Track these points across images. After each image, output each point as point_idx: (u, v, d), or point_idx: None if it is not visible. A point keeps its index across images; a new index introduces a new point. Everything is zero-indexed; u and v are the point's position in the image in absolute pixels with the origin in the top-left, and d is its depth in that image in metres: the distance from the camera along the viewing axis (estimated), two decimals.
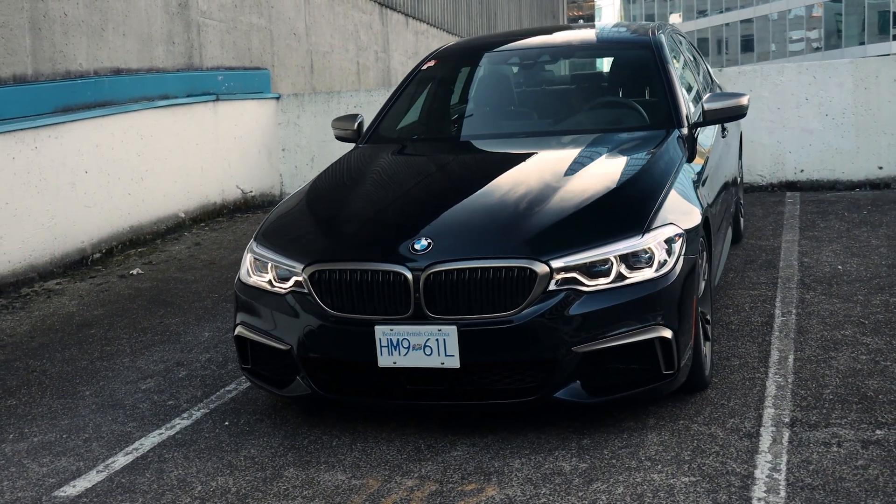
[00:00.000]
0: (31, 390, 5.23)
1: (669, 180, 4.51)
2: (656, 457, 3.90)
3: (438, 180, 4.90)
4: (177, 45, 9.94)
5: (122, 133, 8.69)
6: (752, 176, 10.00)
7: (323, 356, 4.21)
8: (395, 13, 15.58)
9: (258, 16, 11.49)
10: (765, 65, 10.36)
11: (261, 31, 11.54)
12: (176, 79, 9.83)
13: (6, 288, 7.31)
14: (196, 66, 10.26)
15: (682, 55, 6.24)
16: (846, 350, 4.95)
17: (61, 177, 7.91)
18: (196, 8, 10.28)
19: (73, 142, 8.03)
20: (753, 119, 9.90)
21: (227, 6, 10.84)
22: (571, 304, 3.95)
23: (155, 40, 9.60)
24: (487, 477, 3.83)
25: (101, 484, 4.01)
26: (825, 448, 3.87)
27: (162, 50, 9.70)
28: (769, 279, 6.35)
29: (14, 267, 7.41)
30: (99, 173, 8.35)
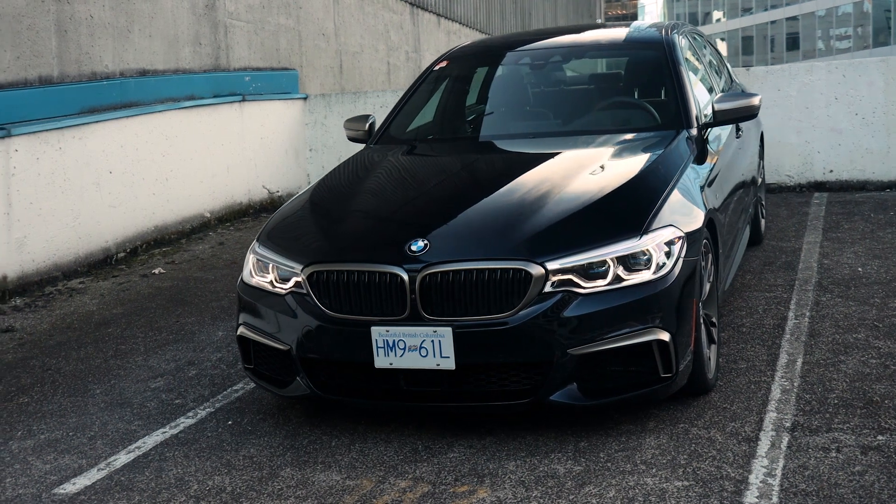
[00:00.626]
0: (43, 388, 5.30)
1: (672, 182, 4.48)
2: (652, 460, 3.87)
3: (439, 181, 4.90)
4: (203, 46, 10.03)
5: (147, 134, 8.77)
6: (780, 176, 9.90)
7: (321, 357, 4.22)
8: (426, 13, 15.60)
9: (286, 16, 11.56)
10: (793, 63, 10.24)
11: (289, 32, 11.61)
12: (203, 79, 9.91)
13: (31, 287, 7.41)
14: (223, 66, 10.34)
15: (698, 55, 6.18)
16: (857, 354, 4.89)
17: (85, 177, 8.00)
18: (223, 9, 10.36)
19: (97, 142, 8.13)
20: (781, 119, 9.80)
21: (254, 7, 10.91)
22: (567, 306, 3.93)
23: (181, 41, 9.69)
24: (481, 479, 3.83)
25: (101, 482, 4.06)
26: (824, 453, 3.82)
27: (188, 51, 9.78)
28: (786, 281, 6.28)
29: (38, 266, 7.51)
30: (123, 173, 8.44)
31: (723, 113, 5.27)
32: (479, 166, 5.11)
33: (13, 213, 7.27)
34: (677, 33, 5.93)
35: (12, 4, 7.67)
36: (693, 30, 6.73)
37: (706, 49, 6.79)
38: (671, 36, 5.79)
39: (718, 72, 6.79)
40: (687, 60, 5.89)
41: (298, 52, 11.80)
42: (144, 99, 8.99)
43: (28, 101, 7.73)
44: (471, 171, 5.04)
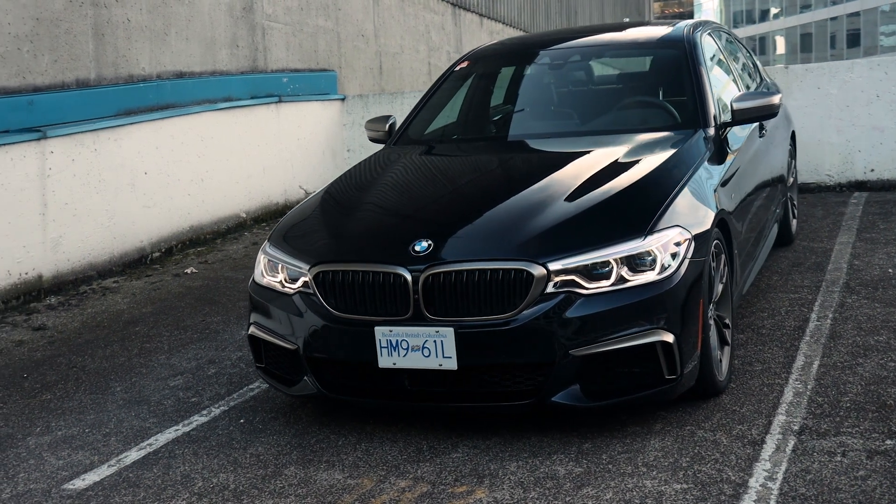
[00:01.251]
0: (66, 385, 5.39)
1: (682, 182, 4.44)
2: (654, 462, 3.85)
3: (447, 182, 4.91)
4: (241, 48, 10.13)
5: (183, 135, 8.89)
6: (819, 176, 9.75)
7: (327, 356, 4.25)
8: (468, 13, 15.61)
9: (325, 18, 11.63)
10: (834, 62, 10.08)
11: (327, 34, 11.68)
12: (240, 81, 10.02)
13: (66, 286, 7.55)
14: (260, 68, 10.44)
15: (722, 54, 6.12)
16: (875, 356, 4.81)
17: (121, 178, 8.13)
18: (261, 12, 10.46)
19: (132, 144, 8.25)
20: (821, 117, 9.66)
21: (292, 9, 11.00)
22: (570, 307, 3.92)
23: (218, 44, 9.80)
24: (480, 479, 3.83)
25: (110, 478, 4.13)
26: (828, 457, 3.76)
27: (226, 53, 9.89)
28: (813, 282, 6.19)
29: (73, 265, 7.65)
30: (158, 174, 8.56)
31: (742, 112, 5.21)
32: (489, 167, 5.10)
33: (48, 214, 7.41)
34: (700, 32, 5.87)
35: (50, 9, 7.82)
36: (718, 28, 6.65)
37: (734, 47, 6.72)
38: (693, 35, 5.74)
39: (747, 70, 6.71)
40: (710, 59, 5.84)
41: (337, 53, 11.87)
42: (181, 101, 9.11)
43: (65, 103, 7.87)
44: (480, 171, 5.04)
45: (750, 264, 5.40)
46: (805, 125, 9.68)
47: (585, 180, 4.49)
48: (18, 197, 7.17)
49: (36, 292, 7.30)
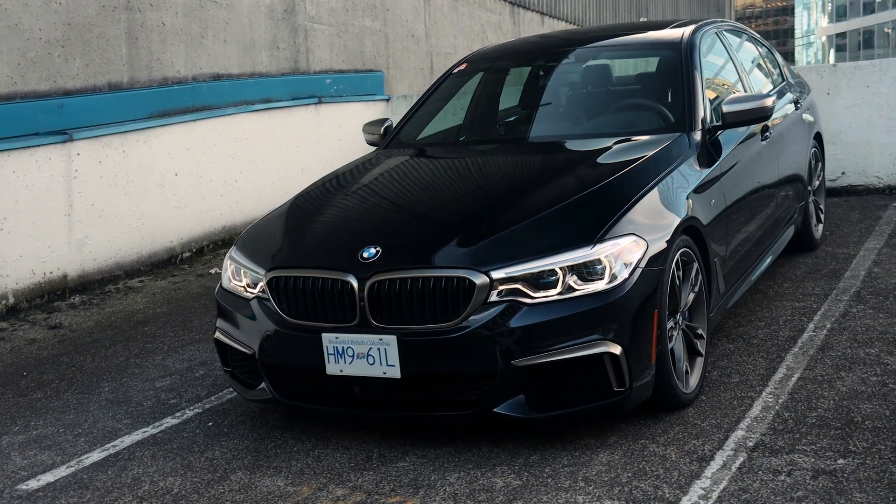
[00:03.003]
0: (60, 385, 5.51)
1: (647, 188, 4.33)
2: (594, 477, 3.75)
3: (408, 188, 4.86)
4: (281, 49, 10.23)
5: (215, 136, 9.01)
6: (867, 178, 9.42)
7: (280, 362, 4.26)
8: (528, 12, 15.50)
9: (372, 19, 11.67)
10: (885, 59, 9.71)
11: (374, 34, 11.72)
12: (280, 83, 10.11)
13: (91, 285, 7.72)
14: (302, 69, 10.53)
15: (731, 55, 5.94)
16: (860, 370, 4.62)
17: (150, 179, 8.28)
18: (303, 13, 10.54)
19: (162, 145, 8.39)
20: (870, 117, 9.33)
21: (337, 10, 11.06)
22: (512, 316, 3.85)
23: (258, 46, 9.90)
24: (416, 490, 3.79)
25: (64, 479, 4.19)
26: (772, 476, 3.62)
27: (266, 55, 10.00)
28: (824, 290, 5.98)
29: (100, 265, 7.81)
30: (189, 175, 8.69)
31: (732, 115, 5.06)
32: (454, 173, 5.04)
33: (74, 214, 7.59)
34: (703, 34, 5.71)
35: (83, 14, 8.00)
36: (732, 28, 6.47)
37: (748, 47, 6.53)
38: (692, 37, 5.58)
39: (763, 71, 6.51)
40: (712, 61, 5.69)
41: (385, 53, 11.89)
42: (217, 102, 9.24)
43: (96, 106, 8.04)
44: (444, 177, 4.98)
45: (742, 273, 5.24)
46: (853, 125, 9.37)
47: (545, 187, 4.42)
48: (43, 198, 7.35)
49: (60, 291, 7.48)
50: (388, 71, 11.90)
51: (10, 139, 7.19)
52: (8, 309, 7.09)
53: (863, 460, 3.69)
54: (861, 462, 3.68)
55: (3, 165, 7.09)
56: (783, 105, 6.35)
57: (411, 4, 12.46)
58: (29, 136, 7.36)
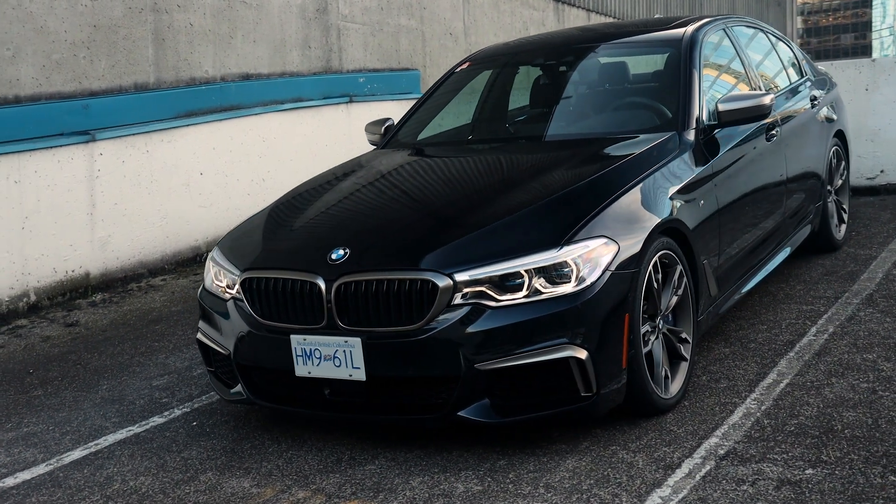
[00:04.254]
0: (62, 382, 5.58)
1: (626, 188, 4.24)
2: (556, 484, 3.69)
3: (386, 189, 4.82)
4: (313, 49, 10.26)
5: (243, 136, 9.06)
6: None
7: (254, 363, 4.26)
8: (573, 9, 15.35)
9: (408, 17, 11.66)
10: None
11: (410, 33, 11.70)
12: (311, 82, 10.14)
13: (114, 283, 7.83)
14: (335, 69, 10.55)
15: (739, 52, 5.80)
16: (852, 376, 4.48)
17: (174, 178, 8.36)
18: (336, 13, 10.56)
19: (186, 145, 8.47)
20: None
21: (371, 9, 11.06)
22: (476, 320, 3.80)
23: (289, 46, 9.95)
24: (377, 494, 3.76)
25: (40, 477, 4.25)
26: (734, 486, 3.53)
27: (297, 55, 10.04)
28: (835, 293, 5.81)
29: (122, 263, 7.92)
30: (215, 174, 8.77)
31: (727, 114, 4.95)
32: (434, 174, 4.98)
33: (96, 214, 7.69)
34: (708, 31, 5.58)
35: (108, 16, 8.10)
36: (748, 23, 6.33)
37: (763, 43, 6.37)
38: (695, 34, 5.47)
39: (776, 68, 6.36)
40: (717, 58, 5.57)
41: (421, 52, 11.87)
42: (246, 102, 9.29)
43: (122, 106, 8.14)
44: (423, 178, 4.92)
45: (740, 276, 5.11)
46: (892, 121, 9.11)
47: (521, 187, 4.36)
48: (65, 197, 7.47)
49: (83, 289, 7.59)
50: (425, 69, 11.88)
51: (31, 140, 7.31)
52: (29, 307, 7.22)
53: (832, 470, 3.57)
54: (830, 472, 3.56)
55: (25, 165, 7.21)
56: (796, 103, 6.20)
57: (450, 2, 12.42)
58: (51, 137, 7.47)
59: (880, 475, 3.50)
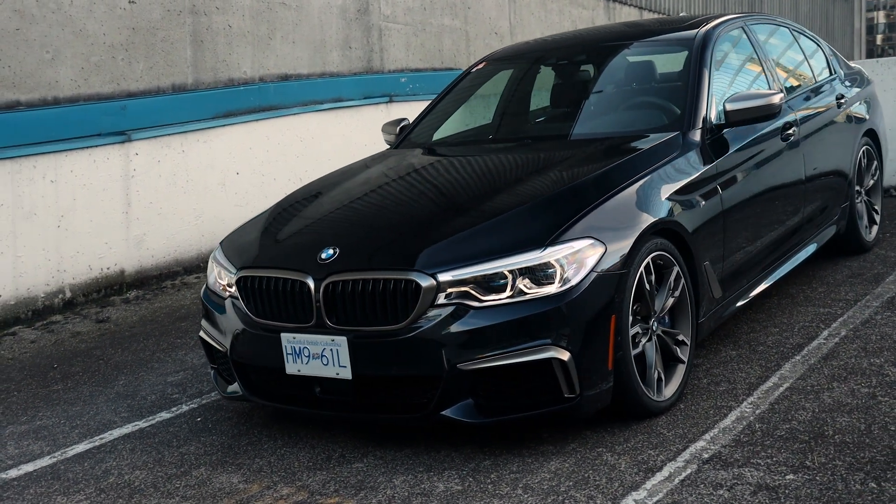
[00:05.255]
0: (83, 377, 5.71)
1: (618, 188, 4.22)
2: (535, 485, 3.69)
3: (384, 189, 4.84)
4: (354, 49, 10.34)
5: (279, 136, 9.17)
6: None
7: (249, 360, 4.33)
8: (625, 7, 15.23)
9: (451, 17, 11.68)
10: None
11: (454, 32, 11.72)
12: (351, 82, 10.22)
13: (149, 281, 7.98)
14: (376, 69, 10.62)
15: (757, 51, 5.72)
16: (854, 380, 4.40)
17: (209, 178, 8.50)
18: (378, 13, 10.63)
19: (223, 145, 8.60)
20: None
21: (414, 10, 11.11)
22: (458, 320, 3.82)
23: (329, 46, 10.04)
24: (357, 492, 3.79)
25: (42, 469, 4.36)
26: (711, 490, 3.49)
27: (337, 55, 10.12)
28: (856, 296, 5.70)
29: (157, 261, 8.07)
30: (251, 174, 8.88)
31: (734, 113, 4.89)
32: (433, 174, 4.98)
33: (132, 213, 7.85)
34: (723, 30, 5.52)
35: (147, 19, 8.26)
36: (771, 21, 6.24)
37: (789, 41, 6.27)
38: (709, 33, 5.41)
39: (800, 66, 6.25)
40: (733, 57, 5.51)
41: (465, 52, 11.88)
42: (286, 102, 9.40)
43: (159, 107, 8.29)
44: (422, 178, 4.92)
45: (750, 277, 5.05)
46: None
47: (514, 188, 4.36)
48: (101, 196, 7.63)
49: (118, 286, 7.75)
50: None
51: (67, 140, 7.49)
52: (65, 303, 7.40)
53: (813, 476, 3.52)
54: (810, 478, 3.50)
55: (62, 165, 7.39)
56: (819, 102, 6.09)
57: (495, 2, 12.41)
58: (87, 137, 7.64)
59: (861, 482, 3.44)
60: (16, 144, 7.21)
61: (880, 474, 3.48)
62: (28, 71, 7.39)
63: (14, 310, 7.11)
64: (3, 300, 7.06)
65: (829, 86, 6.38)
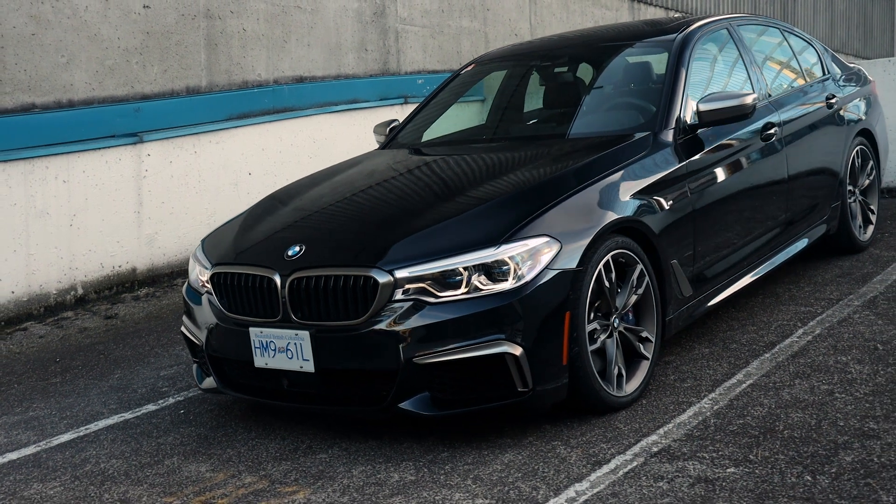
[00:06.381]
0: (80, 371, 5.91)
1: (579, 187, 4.31)
2: (486, 476, 3.79)
3: (358, 189, 4.93)
4: (370, 52, 10.49)
5: (292, 137, 9.34)
6: None
7: (221, 354, 4.48)
8: (650, 7, 15.23)
9: (470, 19, 11.79)
10: None
11: (473, 34, 11.83)
12: (367, 84, 10.37)
13: (161, 279, 8.18)
14: (392, 71, 10.75)
15: (742, 52, 5.77)
16: (817, 377, 4.45)
17: (222, 178, 8.68)
18: (394, 16, 10.77)
19: (235, 146, 8.78)
20: None
21: (431, 12, 11.23)
22: (414, 315, 3.93)
23: (344, 49, 10.19)
24: (316, 481, 3.92)
25: (25, 457, 4.54)
26: (652, 482, 3.57)
27: (352, 57, 10.27)
28: (840, 295, 5.73)
29: (169, 259, 8.26)
30: (264, 175, 9.06)
31: (707, 114, 4.95)
32: (407, 174, 5.07)
33: (143, 212, 8.06)
34: (704, 32, 5.58)
35: (161, 23, 8.47)
36: (760, 22, 6.29)
37: (778, 42, 6.31)
38: (689, 34, 5.48)
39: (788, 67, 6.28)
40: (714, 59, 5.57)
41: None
42: (299, 104, 9.57)
43: (173, 109, 8.49)
44: (396, 178, 5.02)
45: (726, 276, 5.10)
46: None
47: (479, 187, 4.47)
48: (113, 196, 7.85)
49: (129, 284, 7.96)
50: None
51: (80, 141, 7.70)
52: (76, 299, 7.62)
53: (753, 469, 3.59)
54: (750, 471, 3.57)
55: (74, 166, 7.61)
56: (807, 101, 6.12)
57: (515, 3, 12.50)
58: (99, 139, 7.86)
59: (797, 475, 3.50)
60: (29, 146, 7.44)
61: (818, 468, 3.54)
62: (43, 74, 7.62)
63: (27, 306, 7.33)
64: (16, 297, 7.29)
65: (820, 86, 6.40)
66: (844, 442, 3.75)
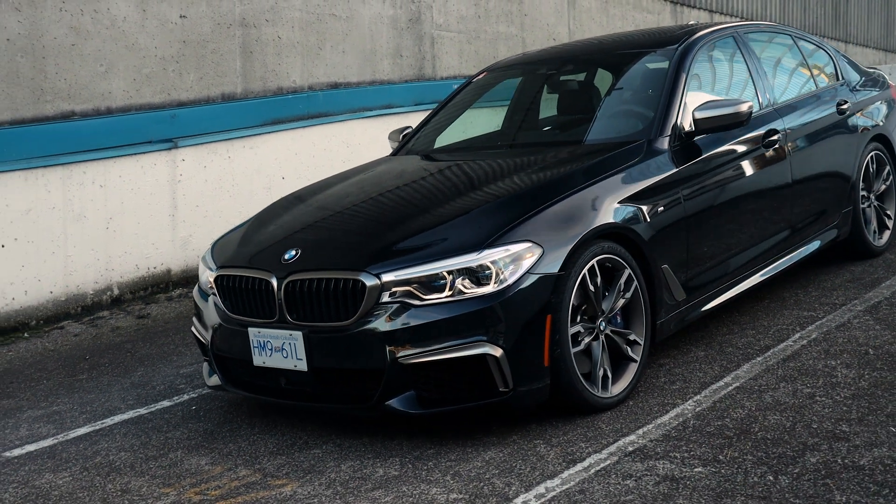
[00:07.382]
0: (106, 368, 6.17)
1: (566, 193, 4.44)
2: (465, 472, 3.95)
3: (360, 195, 5.11)
4: (405, 58, 10.68)
5: (326, 142, 9.57)
6: None
7: (225, 353, 4.69)
8: (693, 10, 15.21)
9: (507, 24, 11.93)
10: None
11: (510, 39, 11.97)
12: (402, 89, 10.56)
13: (194, 280, 8.42)
14: (427, 76, 10.93)
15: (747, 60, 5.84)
16: (801, 381, 4.53)
17: (255, 183, 8.93)
18: (430, 22, 10.95)
19: (268, 151, 9.04)
20: None
21: (467, 18, 11.40)
22: (399, 316, 4.10)
23: (379, 55, 10.40)
24: (305, 475, 4.11)
25: (42, 449, 4.79)
26: (620, 480, 3.70)
27: (387, 63, 10.48)
28: (845, 300, 5.78)
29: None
30: (297, 179, 9.29)
31: (703, 121, 5.05)
32: (407, 180, 5.23)
33: (178, 215, 8.34)
34: (708, 40, 5.67)
35: (198, 32, 8.75)
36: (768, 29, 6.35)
37: (788, 49, 6.36)
38: (691, 42, 5.58)
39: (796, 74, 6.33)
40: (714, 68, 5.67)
41: None
42: (334, 110, 9.79)
43: (209, 116, 8.76)
44: (395, 184, 5.19)
45: (725, 280, 5.19)
46: None
47: (470, 193, 4.62)
48: (148, 200, 8.13)
49: (164, 285, 8.25)
50: None
51: (116, 147, 8.00)
52: (112, 299, 7.91)
53: (719, 469, 3.69)
54: (716, 471, 3.68)
55: (110, 171, 7.91)
56: (816, 107, 6.16)
57: (554, 7, 12.61)
58: (135, 145, 8.15)
59: (761, 475, 3.60)
60: (68, 152, 7.75)
61: (782, 468, 3.64)
62: (83, 83, 7.93)
63: (64, 305, 7.64)
64: (55, 296, 7.60)
65: (831, 92, 6.44)
66: (814, 444, 3.84)
